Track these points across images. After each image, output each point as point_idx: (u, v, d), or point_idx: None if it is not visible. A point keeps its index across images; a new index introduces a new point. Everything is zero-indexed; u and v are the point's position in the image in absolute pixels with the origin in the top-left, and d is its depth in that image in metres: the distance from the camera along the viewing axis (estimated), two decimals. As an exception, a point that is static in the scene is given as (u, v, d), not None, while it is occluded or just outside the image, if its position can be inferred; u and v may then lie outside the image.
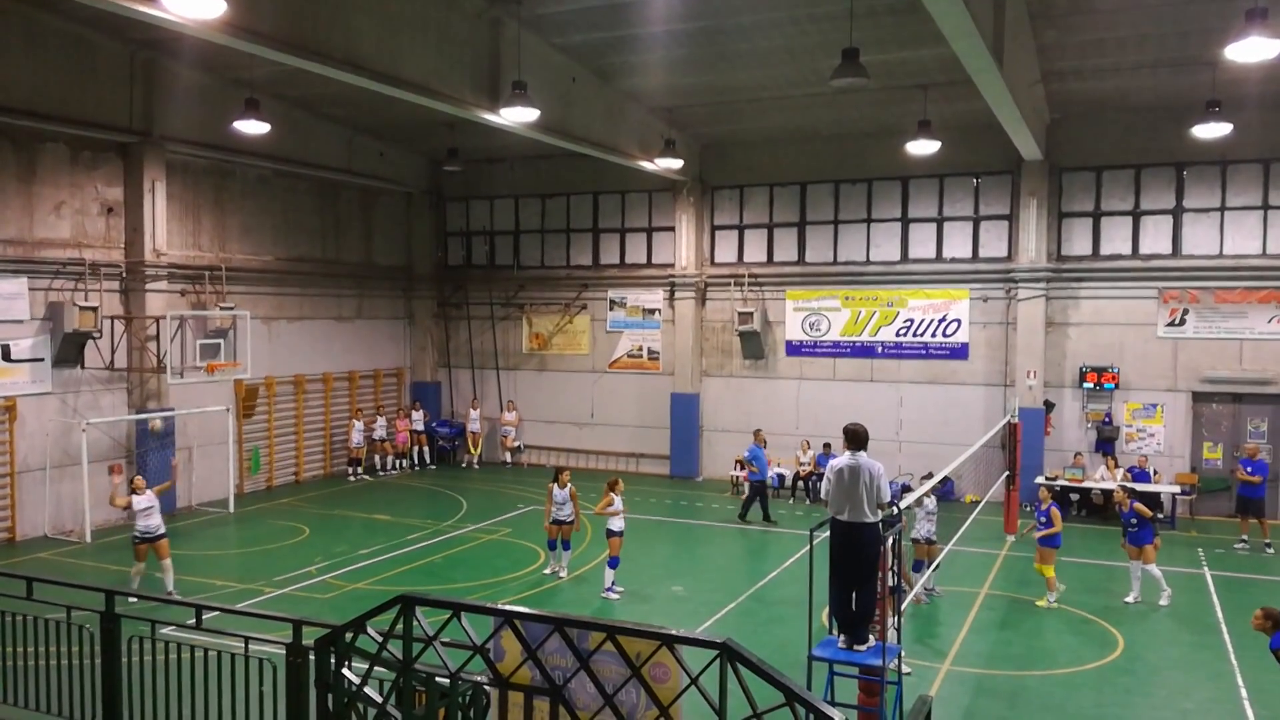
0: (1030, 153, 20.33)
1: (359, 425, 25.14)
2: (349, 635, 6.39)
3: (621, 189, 25.91)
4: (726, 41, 17.04)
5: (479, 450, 26.92)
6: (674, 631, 5.32)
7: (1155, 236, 21.37)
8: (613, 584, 14.95)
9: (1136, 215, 21.51)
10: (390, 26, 14.31)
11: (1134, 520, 14.65)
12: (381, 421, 25.96)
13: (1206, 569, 16.88)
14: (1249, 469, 18.35)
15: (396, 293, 27.86)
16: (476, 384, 28.00)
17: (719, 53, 17.63)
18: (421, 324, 28.33)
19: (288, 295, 24.10)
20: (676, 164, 21.98)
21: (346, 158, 24.80)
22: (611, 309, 26.56)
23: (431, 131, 23.33)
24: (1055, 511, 14.67)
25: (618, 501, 15.29)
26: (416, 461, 26.65)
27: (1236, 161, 20.43)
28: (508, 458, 26.97)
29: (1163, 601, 14.54)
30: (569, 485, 15.70)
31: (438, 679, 6.12)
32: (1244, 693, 11.35)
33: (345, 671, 6.41)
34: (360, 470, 25.09)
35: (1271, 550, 17.92)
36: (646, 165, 21.95)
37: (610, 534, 15.13)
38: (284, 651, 6.92)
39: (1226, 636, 13.32)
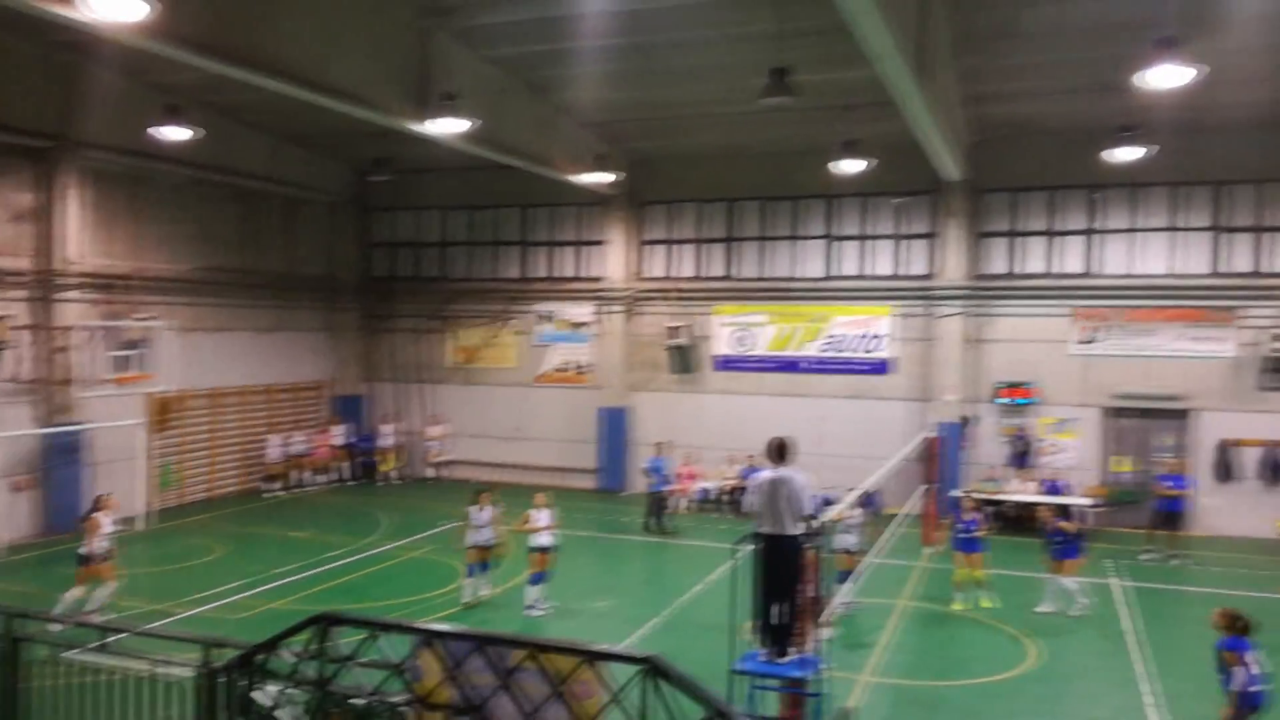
0: (951, 174, 20.84)
1: (277, 440, 24.53)
2: (262, 656, 6.18)
3: (551, 202, 25.84)
4: (658, 58, 17.14)
5: (394, 465, 26.46)
6: (597, 647, 5.26)
7: (1069, 256, 22.07)
8: (537, 601, 14.78)
9: (1052, 236, 22.19)
10: (319, 34, 14.06)
11: (1059, 538, 15.05)
12: (301, 436, 25.37)
13: (1115, 579, 17.39)
14: (1170, 483, 18.88)
15: (319, 304, 27.29)
16: (400, 398, 27.57)
17: (651, 68, 17.73)
18: (345, 336, 27.81)
19: (205, 306, 23.43)
20: (608, 178, 22.01)
21: (269, 165, 24.28)
22: (540, 322, 26.43)
23: (358, 140, 22.97)
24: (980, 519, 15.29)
25: (544, 517, 15.08)
26: (338, 477, 26.10)
27: (1146, 184, 21.23)
28: (433, 473, 26.58)
29: (1074, 611, 14.92)
30: (490, 507, 15.08)
31: (354, 700, 5.95)
32: (1149, 700, 11.70)
33: (257, 694, 6.20)
34: (278, 486, 24.47)
35: (1177, 561, 18.54)
36: (577, 179, 21.93)
37: (536, 550, 14.91)
38: (193, 674, 6.67)
39: (1134, 645, 13.73)
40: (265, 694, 6.24)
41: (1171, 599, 16.44)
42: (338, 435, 26.22)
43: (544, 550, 14.86)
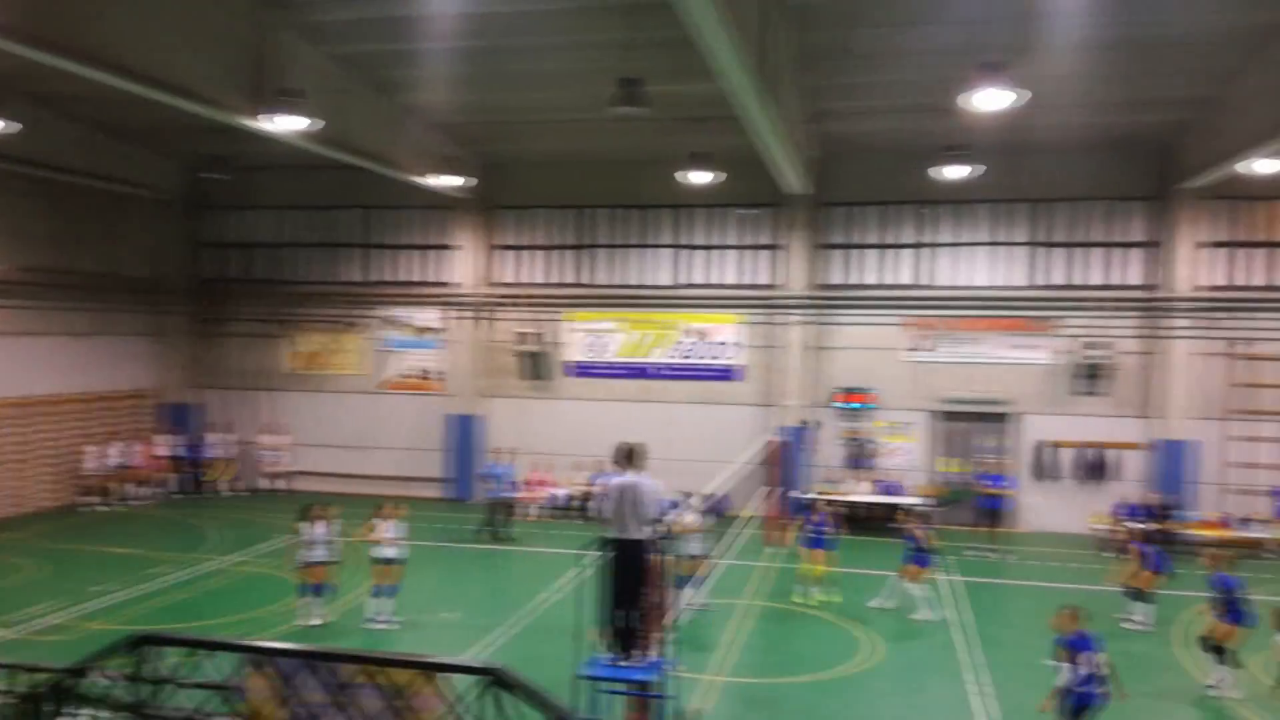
0: (794, 187, 21.52)
1: (95, 451, 22.97)
2: (72, 681, 5.74)
3: (398, 204, 25.21)
4: (508, 62, 16.98)
5: (225, 476, 25.27)
6: (437, 659, 5.13)
7: (902, 268, 23.16)
8: (380, 614, 14.35)
9: (885, 249, 23.23)
10: (148, 22, 13.21)
11: (911, 543, 15.73)
12: (123, 447, 23.81)
13: (944, 575, 18.29)
14: (989, 482, 20.17)
15: (143, 307, 25.62)
16: (236, 406, 26.31)
17: (500, 73, 17.54)
18: (173, 341, 26.28)
19: (13, 308, 21.69)
20: (456, 181, 21.66)
21: (90, 160, 22.71)
22: (387, 327, 25.72)
23: (191, 136, 21.79)
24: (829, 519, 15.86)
25: (390, 528, 14.65)
26: (165, 490, 24.65)
27: (972, 201, 22.51)
28: (269, 484, 25.47)
29: (916, 616, 15.46)
30: (325, 523, 14.33)
31: (177, 724, 5.61)
32: (974, 689, 12.36)
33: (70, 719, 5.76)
34: (97, 500, 22.91)
35: (998, 556, 19.68)
36: (426, 181, 21.49)
37: (383, 561, 14.45)
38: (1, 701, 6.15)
39: (961, 638, 14.46)
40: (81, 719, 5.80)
41: (996, 592, 17.43)
42: (163, 445, 24.76)
43: (388, 562, 14.41)
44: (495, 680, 4.83)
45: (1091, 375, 21.90)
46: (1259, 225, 21.56)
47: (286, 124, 15.25)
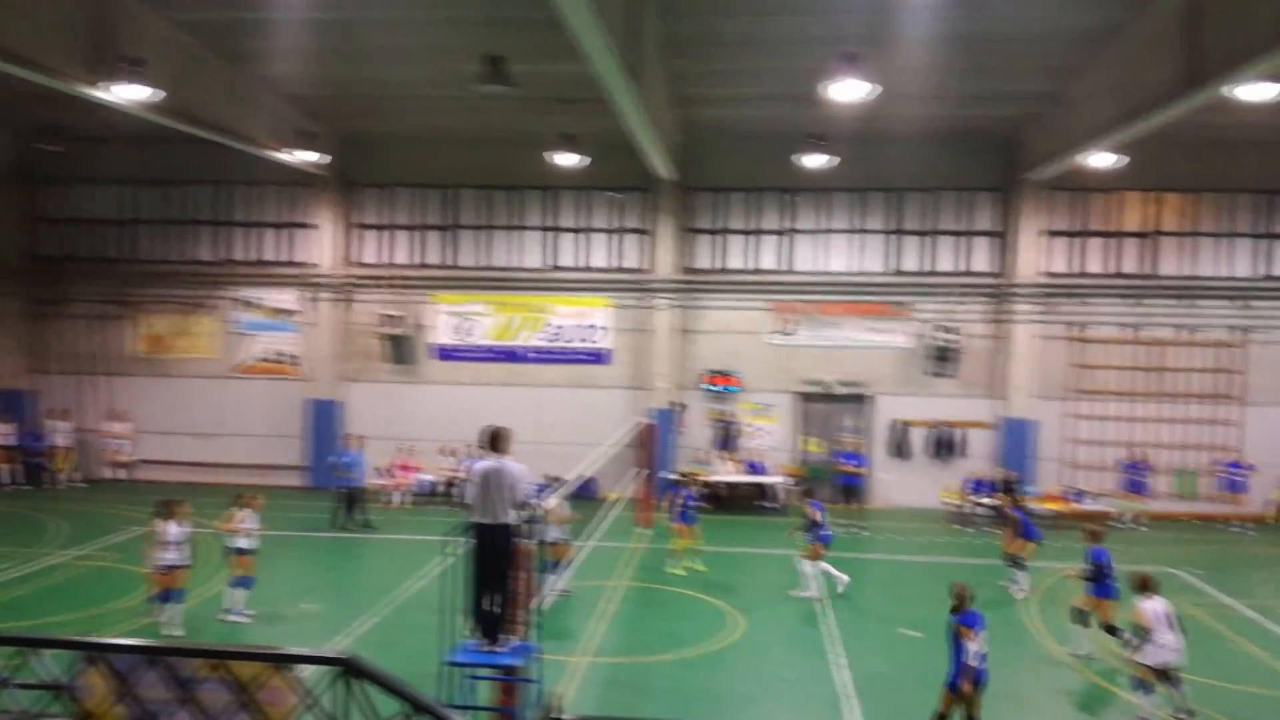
0: (663, 172, 21.68)
1: (-77, 441, 21.32)
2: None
3: (254, 180, 24.17)
4: (365, 35, 16.44)
5: (70, 465, 23.85)
6: (286, 651, 4.97)
7: (769, 253, 23.67)
8: (235, 606, 13.83)
9: (751, 234, 23.68)
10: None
11: (810, 524, 15.95)
12: (-47, 436, 22.19)
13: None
14: (848, 461, 20.90)
15: (-26, 286, 23.94)
16: (76, 391, 24.78)
17: (357, 46, 16.97)
18: (7, 323, 24.53)
19: None
20: (313, 157, 20.90)
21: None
22: (241, 309, 24.67)
23: (22, 104, 20.31)
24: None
25: (250, 518, 14.10)
26: (6, 480, 23.06)
27: (833, 189, 23.17)
28: (115, 474, 24.15)
29: (794, 592, 15.74)
30: (184, 523, 13.39)
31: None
32: (839, 660, 12.80)
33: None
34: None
35: (867, 532, 20.41)
36: (282, 157, 20.66)
37: (238, 552, 13.91)
38: None
39: (828, 612, 14.94)
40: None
41: (855, 567, 18.04)
42: (4, 434, 23.15)
43: (243, 552, 13.90)
44: (347, 670, 4.71)
45: (942, 358, 22.92)
46: (1098, 215, 22.96)
47: (127, 93, 14.37)
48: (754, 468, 22.98)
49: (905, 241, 23.41)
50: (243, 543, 13.91)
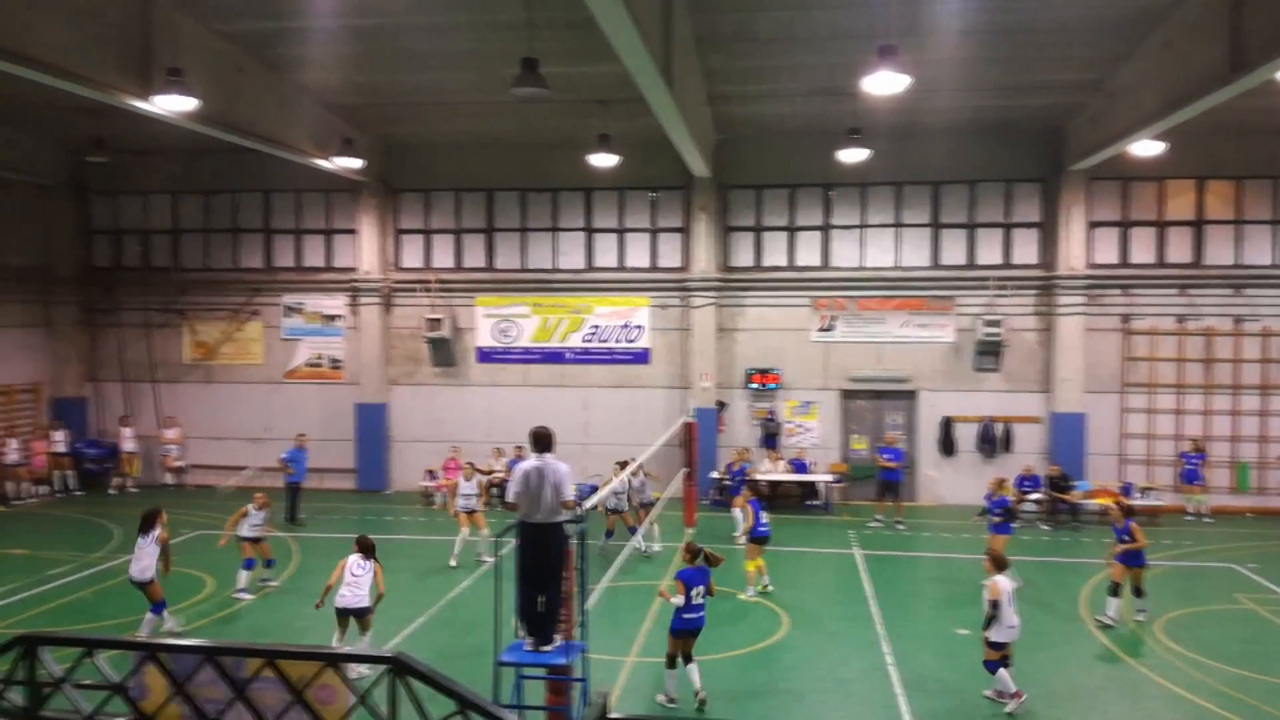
0: (700, 170, 21.65)
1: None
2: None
3: (297, 187, 24.56)
4: (406, 41, 16.61)
5: (132, 471, 24.40)
6: (338, 650, 5.04)
7: (808, 250, 23.51)
8: (240, 586, 15.35)
9: (792, 230, 23.55)
10: (15, -4, 12.53)
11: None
12: (14, 444, 22.76)
13: (856, 549, 18.74)
14: (887, 456, 20.74)
15: (30, 297, 24.51)
16: (130, 398, 25.34)
17: (398, 52, 17.15)
18: (63, 332, 25.18)
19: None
20: (356, 164, 21.15)
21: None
22: (288, 315, 25.05)
23: (72, 118, 20.74)
24: (750, 509, 15.51)
25: (254, 514, 15.59)
26: (59, 487, 23.65)
27: (874, 184, 22.97)
28: (169, 479, 24.65)
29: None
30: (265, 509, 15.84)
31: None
32: (889, 659, 12.68)
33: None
34: (-10, 500, 21.90)
35: (904, 528, 20.24)
36: (324, 164, 20.94)
37: (244, 540, 15.54)
38: None
39: (874, 609, 14.83)
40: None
41: (904, 565, 17.90)
42: (59, 441, 23.74)
43: (245, 540, 15.58)
44: (396, 668, 4.76)
45: (989, 352, 22.62)
46: (1143, 204, 22.52)
47: (174, 104, 14.65)
48: (798, 466, 22.83)
49: (946, 235, 23.14)
50: (245, 531, 15.49)
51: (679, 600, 11.03)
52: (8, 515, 21.52)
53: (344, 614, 12.07)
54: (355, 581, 12.06)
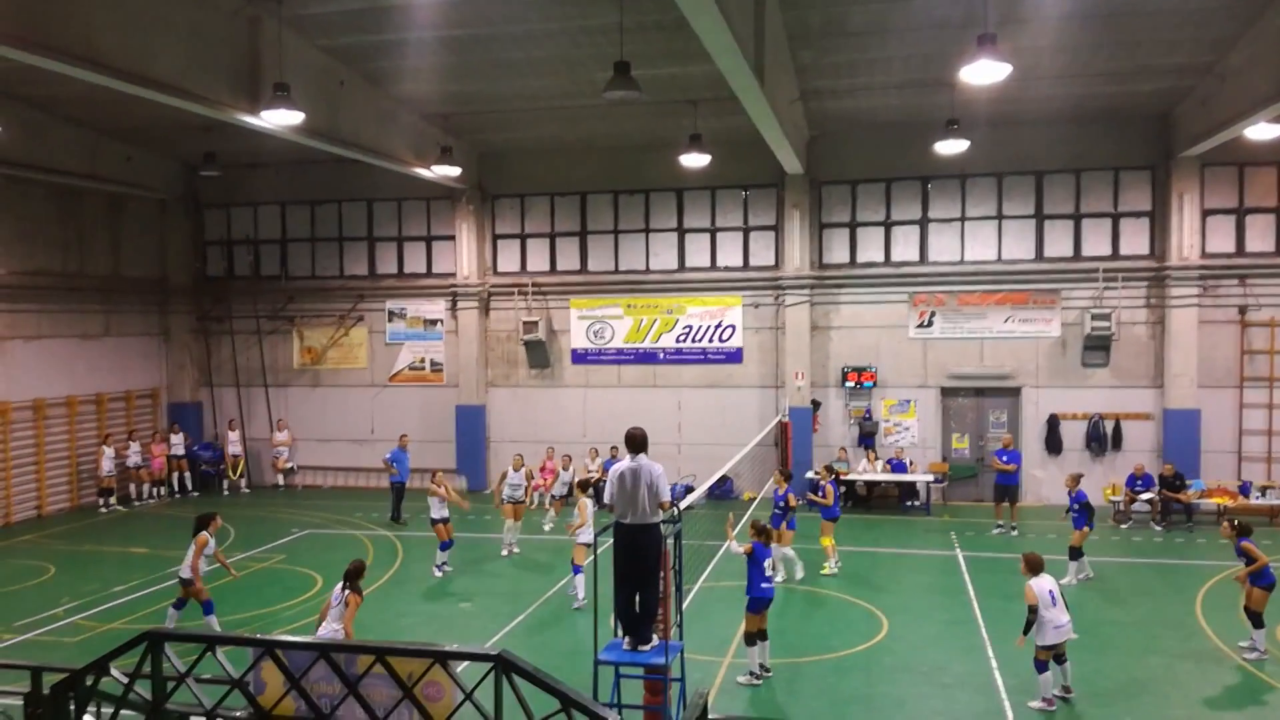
0: (792, 167, 21.46)
1: (109, 452, 23.08)
2: (90, 679, 5.80)
3: (397, 196, 25.25)
4: (500, 50, 16.94)
5: (240, 474, 25.44)
6: (445, 647, 5.18)
7: (905, 245, 23.07)
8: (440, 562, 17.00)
9: (888, 225, 23.15)
10: (134, 21, 13.19)
11: (780, 505, 15.90)
12: (135, 447, 23.97)
13: (959, 550, 18.32)
14: (1005, 459, 19.99)
15: (150, 307, 25.84)
16: (242, 403, 26.44)
17: (493, 61, 17.50)
18: (179, 340, 26.43)
19: (23, 312, 21.92)
20: (454, 171, 21.64)
21: (90, 162, 22.70)
22: (390, 320, 25.78)
23: (185, 134, 21.78)
24: (830, 488, 16.08)
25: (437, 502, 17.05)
26: (177, 489, 24.81)
27: (973, 175, 22.41)
28: (280, 480, 25.62)
29: (797, 575, 16.04)
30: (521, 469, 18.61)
31: (193, 718, 5.67)
32: (994, 664, 12.37)
33: (88, 718, 5.83)
34: (113, 501, 23.07)
35: (1016, 532, 19.63)
36: (422, 172, 21.49)
37: (435, 521, 17.03)
38: (21, 702, 6.23)
39: (978, 613, 14.48)
40: (99, 718, 5.88)
41: (1004, 567, 17.39)
42: (176, 444, 24.91)
43: (436, 521, 17.10)
44: (500, 665, 4.88)
45: (1098, 346, 21.85)
46: (1259, 191, 21.43)
47: (282, 119, 15.23)
48: (896, 466, 22.42)
49: (1050, 226, 22.42)
50: (435, 514, 17.02)
51: (738, 549, 11.99)
52: (130, 516, 22.65)
53: None
54: (333, 615, 10.60)
